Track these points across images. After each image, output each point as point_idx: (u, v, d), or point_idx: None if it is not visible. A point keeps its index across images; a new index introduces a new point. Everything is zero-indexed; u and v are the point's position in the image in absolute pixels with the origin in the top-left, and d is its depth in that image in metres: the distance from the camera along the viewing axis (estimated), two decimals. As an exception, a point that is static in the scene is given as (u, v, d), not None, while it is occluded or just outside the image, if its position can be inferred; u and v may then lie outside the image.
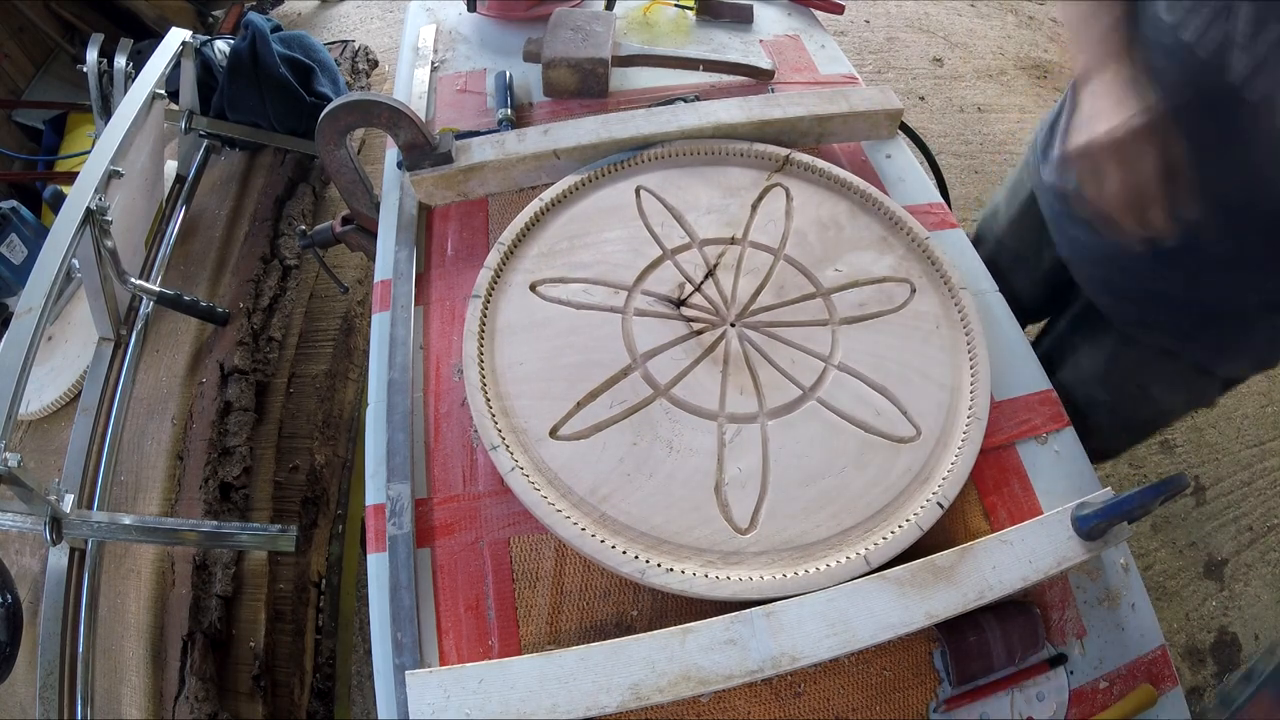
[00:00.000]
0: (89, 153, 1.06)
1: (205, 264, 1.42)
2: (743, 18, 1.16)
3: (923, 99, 2.51)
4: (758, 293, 0.80)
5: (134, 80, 1.20)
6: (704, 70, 1.05)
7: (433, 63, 1.10)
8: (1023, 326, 0.84)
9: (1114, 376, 0.92)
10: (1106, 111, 0.58)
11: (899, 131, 0.99)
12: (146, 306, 1.22)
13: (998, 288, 0.86)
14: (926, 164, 0.97)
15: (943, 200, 0.93)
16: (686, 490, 0.66)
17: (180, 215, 1.42)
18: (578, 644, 0.58)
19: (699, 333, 0.77)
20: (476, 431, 0.69)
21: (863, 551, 0.63)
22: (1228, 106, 0.57)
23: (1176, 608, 1.55)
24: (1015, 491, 0.72)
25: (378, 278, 0.85)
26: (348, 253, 1.14)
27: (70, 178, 1.64)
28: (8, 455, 0.76)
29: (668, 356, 0.74)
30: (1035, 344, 0.97)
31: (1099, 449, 0.77)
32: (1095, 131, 0.59)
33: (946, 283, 0.81)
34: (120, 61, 1.38)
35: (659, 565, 0.61)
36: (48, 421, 1.25)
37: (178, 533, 0.99)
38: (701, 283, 0.80)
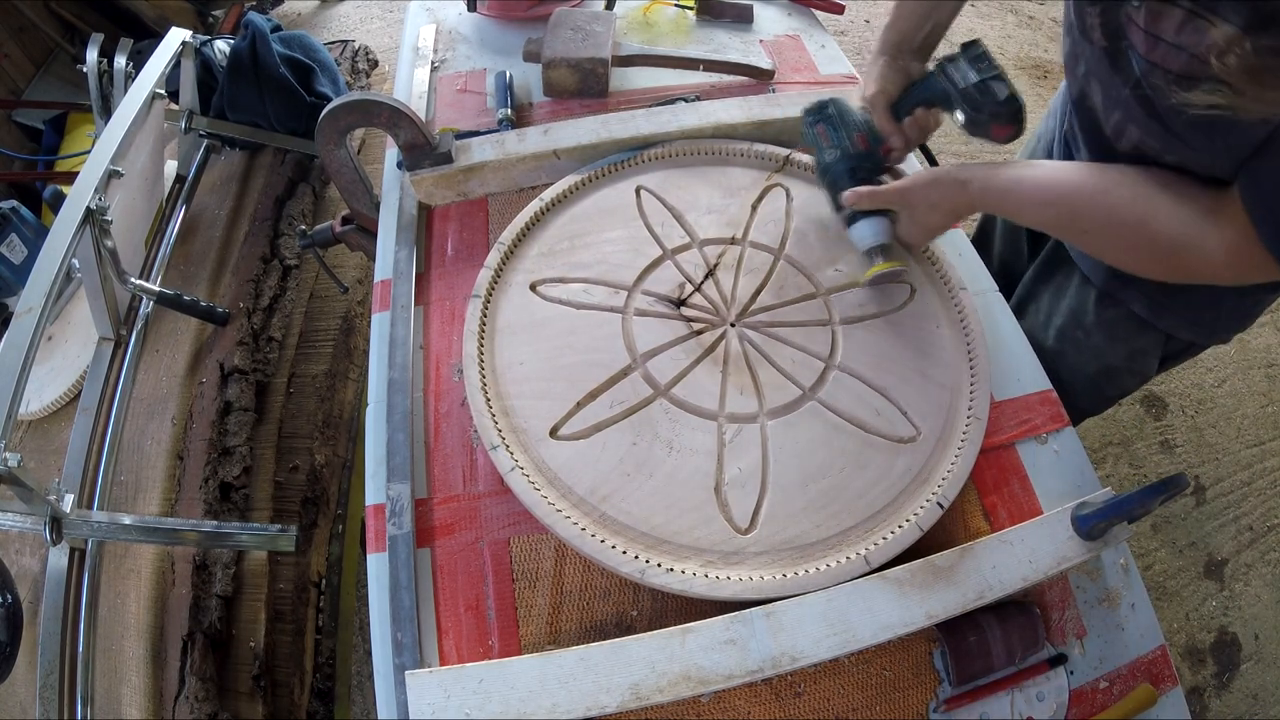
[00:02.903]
0: (89, 153, 1.06)
1: (205, 264, 1.42)
2: (743, 18, 1.16)
3: (923, 99, 2.50)
4: (758, 293, 0.80)
5: (134, 80, 1.20)
6: (704, 70, 1.05)
7: (433, 63, 1.09)
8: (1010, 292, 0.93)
9: (1061, 319, 0.94)
10: None
11: (899, 131, 0.98)
12: (146, 306, 1.22)
13: (998, 287, 0.86)
14: (927, 164, 0.97)
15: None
16: (686, 490, 0.66)
17: (180, 215, 1.41)
18: (578, 644, 0.58)
19: (699, 333, 0.77)
20: (476, 431, 0.69)
21: (863, 551, 0.63)
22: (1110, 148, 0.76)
23: (1176, 608, 1.55)
24: (1015, 491, 0.72)
25: (378, 278, 0.85)
26: (348, 253, 1.14)
27: (70, 178, 1.65)
28: (8, 455, 0.76)
29: (668, 356, 0.74)
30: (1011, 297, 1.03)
31: None
32: None
33: (946, 283, 0.81)
34: (120, 61, 1.38)
35: (659, 565, 0.61)
36: (48, 421, 1.25)
37: (178, 533, 0.99)
38: (701, 283, 0.80)
